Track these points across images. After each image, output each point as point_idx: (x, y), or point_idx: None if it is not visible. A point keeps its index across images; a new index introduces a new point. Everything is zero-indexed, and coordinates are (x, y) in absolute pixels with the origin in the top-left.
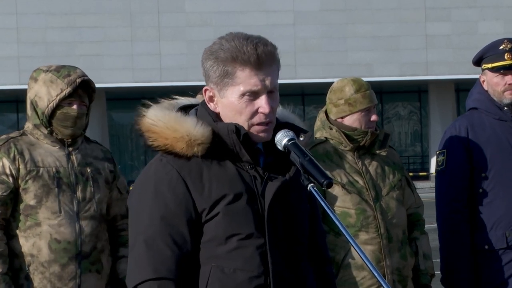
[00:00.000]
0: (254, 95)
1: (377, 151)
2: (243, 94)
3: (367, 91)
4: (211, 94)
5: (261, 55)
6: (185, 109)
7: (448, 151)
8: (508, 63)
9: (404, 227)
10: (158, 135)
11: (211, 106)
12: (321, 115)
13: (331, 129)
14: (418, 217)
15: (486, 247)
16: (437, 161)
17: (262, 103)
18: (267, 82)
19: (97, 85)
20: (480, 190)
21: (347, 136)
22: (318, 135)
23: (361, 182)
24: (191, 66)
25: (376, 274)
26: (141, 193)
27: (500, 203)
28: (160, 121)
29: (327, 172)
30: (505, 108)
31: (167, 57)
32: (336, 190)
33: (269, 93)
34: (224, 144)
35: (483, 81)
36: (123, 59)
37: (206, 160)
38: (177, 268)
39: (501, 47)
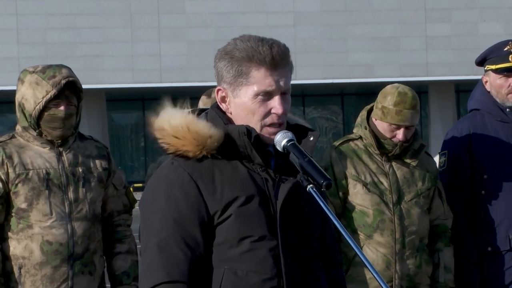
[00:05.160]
0: (268, 95)
1: (407, 160)
2: (257, 94)
3: (406, 109)
4: (223, 94)
5: (276, 56)
6: (194, 113)
7: (449, 152)
8: None
9: (423, 236)
10: (169, 139)
11: (223, 106)
12: (363, 112)
13: (366, 128)
14: (445, 228)
15: (489, 249)
16: (439, 162)
17: (275, 103)
18: (281, 83)
19: (97, 86)
20: (482, 192)
21: (378, 140)
22: (355, 131)
23: (385, 184)
24: (191, 67)
25: (375, 275)
26: (153, 196)
27: (502, 205)
28: (170, 125)
29: (349, 171)
30: (508, 110)
31: (167, 58)
32: (357, 188)
33: (282, 94)
34: (235, 146)
35: (486, 82)
36: (123, 60)
37: (218, 162)
38: (190, 271)
39: (505, 49)
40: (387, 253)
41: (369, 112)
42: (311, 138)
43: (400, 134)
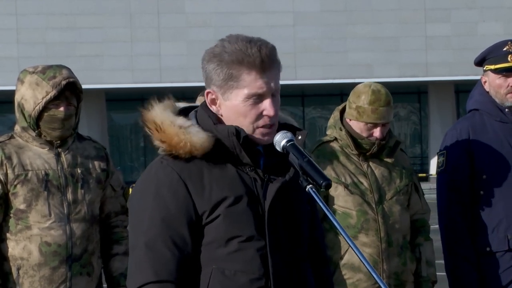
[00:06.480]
0: (259, 98)
1: (384, 158)
2: (248, 97)
3: (381, 107)
4: (213, 97)
5: (265, 58)
6: (185, 111)
7: (448, 152)
8: (511, 65)
9: (406, 233)
10: (159, 137)
11: (213, 109)
12: (335, 113)
13: (341, 130)
14: (424, 223)
15: (488, 249)
16: (437, 163)
17: (267, 105)
18: (272, 84)
19: (96, 86)
20: (481, 192)
21: (354, 140)
22: (329, 132)
23: (365, 184)
24: (191, 67)
25: (376, 277)
26: (141, 195)
27: (500, 205)
28: (161, 124)
29: (326, 173)
30: (507, 110)
31: (167, 57)
32: (339, 190)
33: (272, 96)
34: (224, 146)
35: (485, 82)
36: (123, 59)
37: (207, 162)
38: (178, 270)
39: (504, 49)
40: (373, 253)
41: (341, 113)
42: (299, 137)
43: (377, 132)
